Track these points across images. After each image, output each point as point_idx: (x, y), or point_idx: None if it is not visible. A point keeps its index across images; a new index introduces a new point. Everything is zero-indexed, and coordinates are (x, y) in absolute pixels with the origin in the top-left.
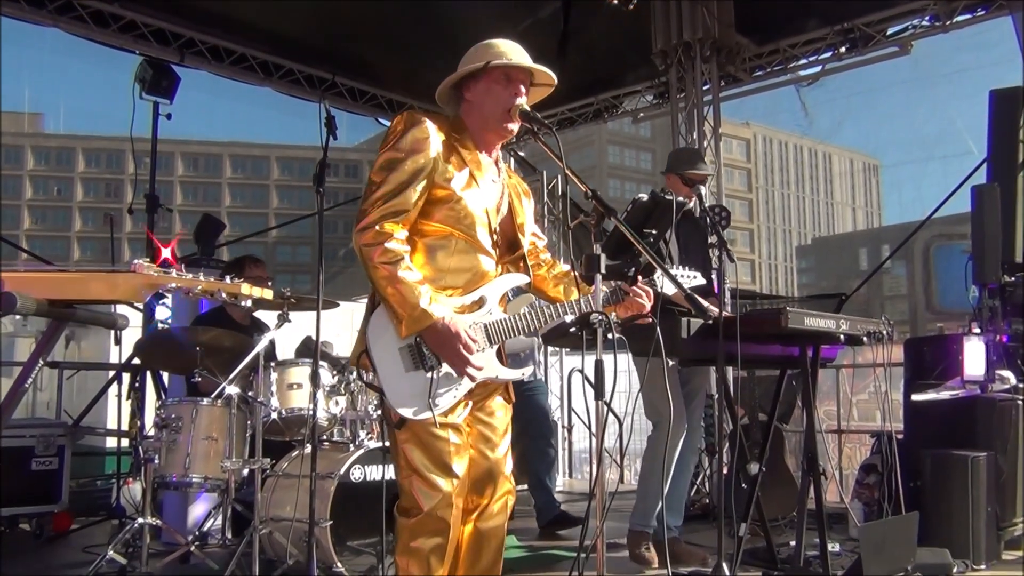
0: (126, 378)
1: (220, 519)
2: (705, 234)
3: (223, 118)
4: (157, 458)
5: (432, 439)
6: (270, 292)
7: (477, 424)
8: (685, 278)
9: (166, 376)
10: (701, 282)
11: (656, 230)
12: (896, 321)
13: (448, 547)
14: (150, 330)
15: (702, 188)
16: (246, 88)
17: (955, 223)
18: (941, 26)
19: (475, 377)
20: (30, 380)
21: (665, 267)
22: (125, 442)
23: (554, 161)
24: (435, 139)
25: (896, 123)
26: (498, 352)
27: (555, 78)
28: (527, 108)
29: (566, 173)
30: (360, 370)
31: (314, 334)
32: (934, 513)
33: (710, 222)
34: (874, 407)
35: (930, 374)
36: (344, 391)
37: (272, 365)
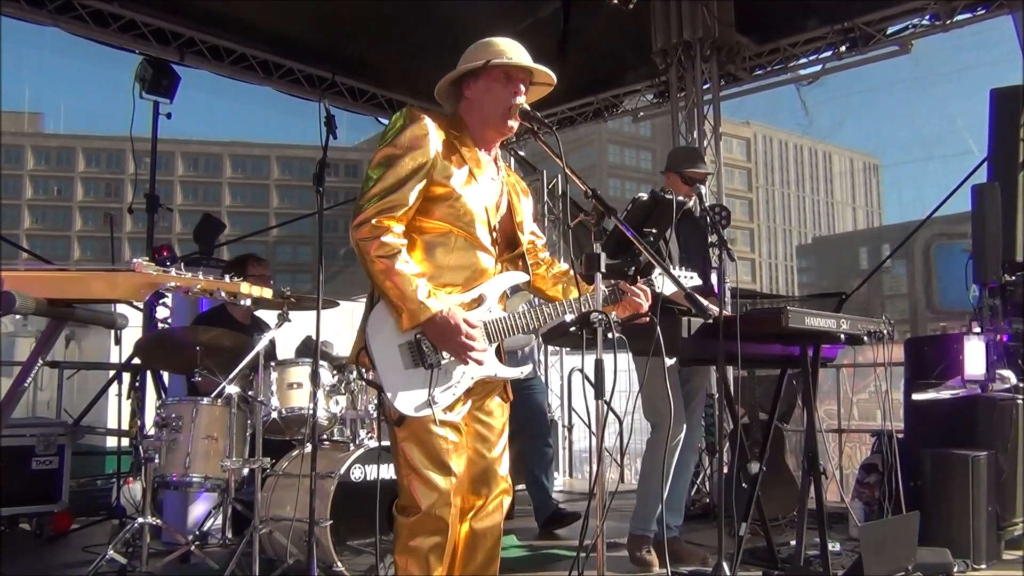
0: (126, 378)
1: (220, 518)
2: (705, 233)
3: (223, 118)
4: (157, 457)
5: (430, 437)
6: (269, 291)
7: (474, 423)
8: (682, 279)
9: (166, 376)
10: (697, 282)
11: (656, 229)
12: (896, 320)
13: (447, 546)
14: (151, 330)
15: (702, 187)
16: (246, 88)
17: (955, 222)
18: (941, 25)
19: (481, 361)
20: (30, 379)
21: (665, 266)
22: (125, 442)
23: (554, 160)
24: (434, 136)
25: (896, 122)
26: (497, 350)
27: (555, 77)
28: (527, 107)
29: (566, 172)
30: (359, 367)
31: (314, 333)
32: (934, 513)
33: (710, 221)
34: (874, 406)
35: (930, 373)
36: (344, 390)
37: (272, 364)
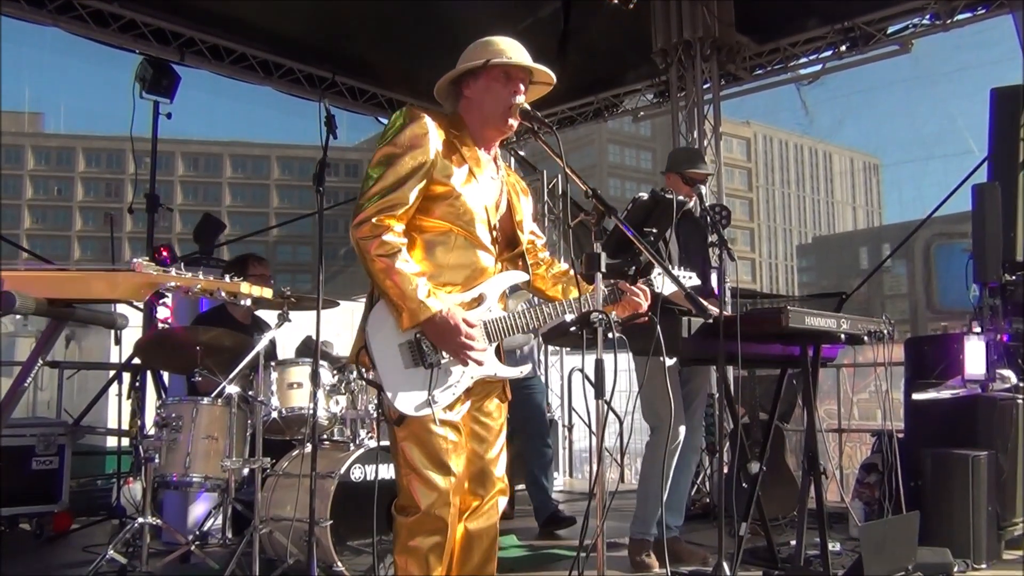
0: (126, 378)
1: (220, 518)
2: (705, 233)
3: (223, 118)
4: (157, 457)
5: (430, 437)
6: (270, 291)
7: (472, 423)
8: (681, 278)
9: (166, 375)
10: (696, 283)
11: (656, 229)
12: (897, 320)
13: (447, 546)
14: (151, 330)
15: (702, 187)
16: (246, 87)
17: (956, 222)
18: (941, 25)
19: (480, 361)
20: (30, 379)
21: (665, 266)
22: (125, 441)
23: (554, 160)
24: (434, 135)
25: (896, 122)
26: (496, 350)
27: (554, 77)
28: (527, 107)
29: (566, 172)
30: (359, 367)
31: (314, 333)
32: (935, 512)
33: (710, 221)
34: (875, 406)
35: (931, 373)
36: (344, 390)
37: (272, 364)
